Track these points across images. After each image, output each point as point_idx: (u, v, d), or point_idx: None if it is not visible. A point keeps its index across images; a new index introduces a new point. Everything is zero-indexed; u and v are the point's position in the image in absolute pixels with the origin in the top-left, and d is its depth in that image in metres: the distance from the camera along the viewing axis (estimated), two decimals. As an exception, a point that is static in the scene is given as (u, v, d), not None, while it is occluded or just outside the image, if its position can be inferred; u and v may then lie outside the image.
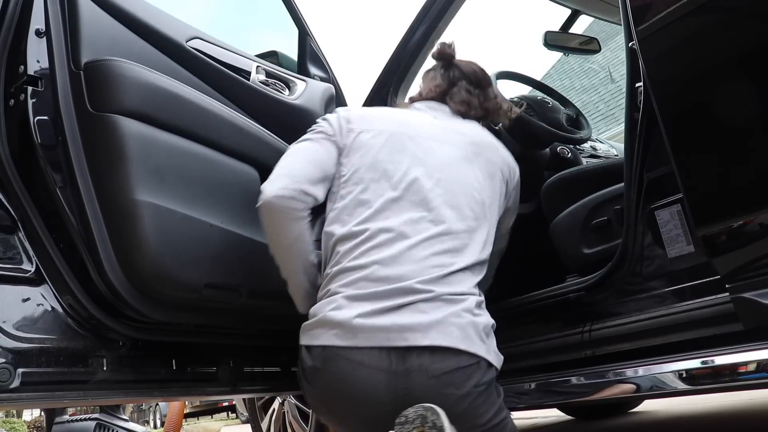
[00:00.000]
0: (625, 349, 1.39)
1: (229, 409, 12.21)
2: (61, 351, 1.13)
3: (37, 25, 1.22)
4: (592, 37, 2.60)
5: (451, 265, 1.17)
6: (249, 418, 2.64)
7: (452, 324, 1.11)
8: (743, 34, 1.09)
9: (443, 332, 1.10)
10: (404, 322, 1.09)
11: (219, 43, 1.54)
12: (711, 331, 1.22)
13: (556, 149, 2.36)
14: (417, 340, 1.08)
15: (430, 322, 1.09)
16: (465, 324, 1.12)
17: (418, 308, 1.11)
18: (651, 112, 1.27)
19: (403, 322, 1.09)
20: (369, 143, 1.29)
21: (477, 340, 1.13)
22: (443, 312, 1.11)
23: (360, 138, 1.31)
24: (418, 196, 1.24)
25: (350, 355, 1.09)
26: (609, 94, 11.96)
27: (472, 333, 1.12)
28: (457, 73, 1.51)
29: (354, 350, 1.09)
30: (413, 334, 1.09)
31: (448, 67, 1.53)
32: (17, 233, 1.16)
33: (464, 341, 1.10)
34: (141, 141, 1.17)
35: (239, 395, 2.40)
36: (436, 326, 1.10)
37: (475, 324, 1.14)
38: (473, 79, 1.52)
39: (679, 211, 1.29)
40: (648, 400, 2.79)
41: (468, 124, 1.45)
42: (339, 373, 1.11)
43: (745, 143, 1.08)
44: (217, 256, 1.25)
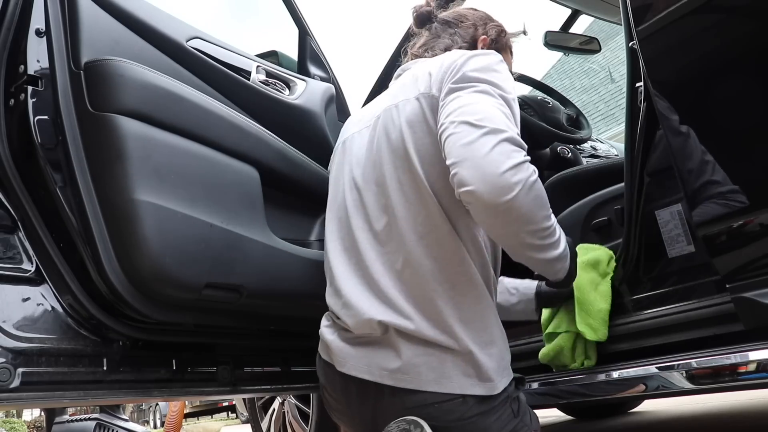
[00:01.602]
0: (626, 349, 1.39)
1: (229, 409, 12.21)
2: (61, 351, 1.13)
3: (37, 25, 1.22)
4: (592, 37, 2.60)
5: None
6: (249, 418, 2.64)
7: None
8: (743, 34, 1.09)
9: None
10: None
11: (219, 42, 1.54)
12: (711, 331, 1.22)
13: (556, 149, 2.36)
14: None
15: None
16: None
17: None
18: (651, 112, 1.27)
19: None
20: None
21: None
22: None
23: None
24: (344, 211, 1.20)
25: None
26: (609, 94, 11.96)
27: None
28: (439, 25, 1.37)
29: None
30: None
31: (427, 24, 1.39)
32: (17, 233, 1.15)
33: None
34: (141, 141, 1.17)
35: (239, 395, 2.40)
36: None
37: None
38: (456, 20, 1.36)
39: (679, 211, 1.29)
40: (648, 400, 2.80)
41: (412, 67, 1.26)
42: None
43: (745, 143, 1.08)
44: (217, 256, 1.25)
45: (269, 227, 1.39)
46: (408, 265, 1.06)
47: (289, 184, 1.51)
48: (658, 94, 1.18)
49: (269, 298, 1.37)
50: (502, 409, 1.05)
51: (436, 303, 1.04)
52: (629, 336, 1.38)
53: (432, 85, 1.10)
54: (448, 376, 1.01)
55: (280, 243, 1.40)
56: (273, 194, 1.46)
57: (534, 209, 0.96)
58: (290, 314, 1.48)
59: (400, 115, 1.12)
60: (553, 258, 1.05)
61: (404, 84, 1.19)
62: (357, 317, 1.08)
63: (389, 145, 1.12)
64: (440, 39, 1.34)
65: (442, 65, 1.11)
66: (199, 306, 1.27)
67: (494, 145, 0.94)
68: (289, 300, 1.43)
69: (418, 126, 1.09)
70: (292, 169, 1.51)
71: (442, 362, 1.02)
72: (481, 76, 1.05)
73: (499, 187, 0.91)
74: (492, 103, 1.01)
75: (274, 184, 1.46)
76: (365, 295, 1.08)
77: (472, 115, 0.98)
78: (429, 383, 1.01)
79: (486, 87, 1.04)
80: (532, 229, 0.98)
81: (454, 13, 1.39)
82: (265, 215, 1.38)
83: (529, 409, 1.14)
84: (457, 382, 1.01)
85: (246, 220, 1.32)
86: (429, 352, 1.02)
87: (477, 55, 1.11)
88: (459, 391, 1.01)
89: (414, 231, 1.06)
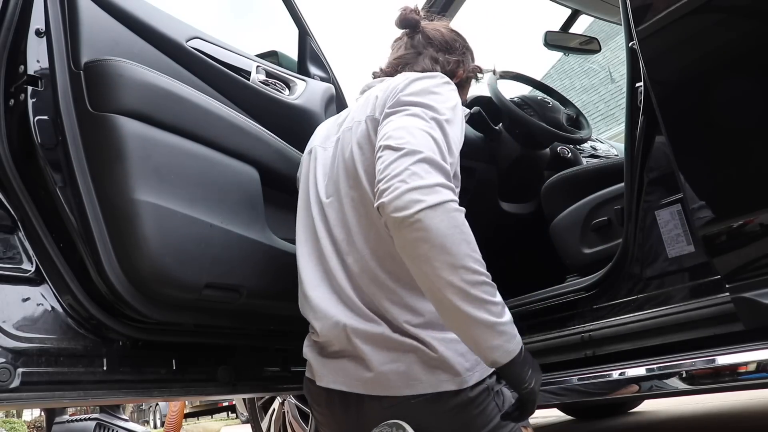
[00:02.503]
0: (625, 349, 1.39)
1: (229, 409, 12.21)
2: (61, 351, 1.13)
3: (37, 25, 1.22)
4: (592, 37, 2.60)
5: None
6: (249, 418, 2.64)
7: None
8: (743, 34, 1.09)
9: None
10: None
11: (219, 43, 1.54)
12: (711, 331, 1.22)
13: (556, 149, 2.36)
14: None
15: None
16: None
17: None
18: (651, 112, 1.27)
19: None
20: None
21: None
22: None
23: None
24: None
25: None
26: (609, 94, 11.96)
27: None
28: (422, 40, 1.35)
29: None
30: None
31: (413, 34, 1.37)
32: (17, 233, 1.15)
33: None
34: (141, 141, 1.17)
35: (239, 395, 2.40)
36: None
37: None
38: (441, 44, 1.35)
39: (679, 211, 1.29)
40: (648, 400, 2.80)
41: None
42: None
43: (745, 143, 1.08)
44: (217, 256, 1.25)
45: (269, 227, 1.39)
46: (365, 274, 1.09)
47: (289, 184, 1.52)
48: (658, 94, 1.18)
49: (269, 298, 1.37)
50: (484, 403, 1.06)
51: (395, 309, 1.06)
52: (629, 336, 1.38)
53: (376, 107, 1.15)
54: (417, 378, 1.03)
55: (280, 243, 1.40)
56: (273, 194, 1.46)
57: (449, 237, 0.91)
58: (290, 314, 1.47)
59: (353, 136, 1.17)
60: (485, 321, 0.92)
61: (361, 105, 1.23)
62: (323, 320, 1.11)
63: (344, 164, 1.17)
64: (421, 58, 1.33)
65: (387, 88, 1.16)
66: (199, 306, 1.27)
67: (408, 165, 0.95)
68: (289, 300, 1.42)
69: (365, 147, 1.14)
70: (292, 169, 1.51)
71: (409, 366, 1.03)
72: (414, 100, 1.08)
73: (403, 201, 0.91)
74: (418, 125, 1.02)
75: (274, 184, 1.46)
76: (332, 301, 1.11)
77: (395, 139, 1.00)
78: (400, 388, 1.03)
79: (417, 110, 1.06)
80: (450, 262, 0.91)
81: (440, 35, 1.36)
82: (265, 215, 1.38)
83: None
84: (427, 381, 1.03)
85: (246, 220, 1.32)
86: (395, 358, 1.04)
87: (418, 79, 1.13)
88: (430, 390, 1.03)
89: (367, 245, 1.10)
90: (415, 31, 1.36)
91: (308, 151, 1.33)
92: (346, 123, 1.24)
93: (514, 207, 2.25)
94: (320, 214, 1.19)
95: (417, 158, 0.96)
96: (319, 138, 1.33)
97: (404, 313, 1.06)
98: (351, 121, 1.21)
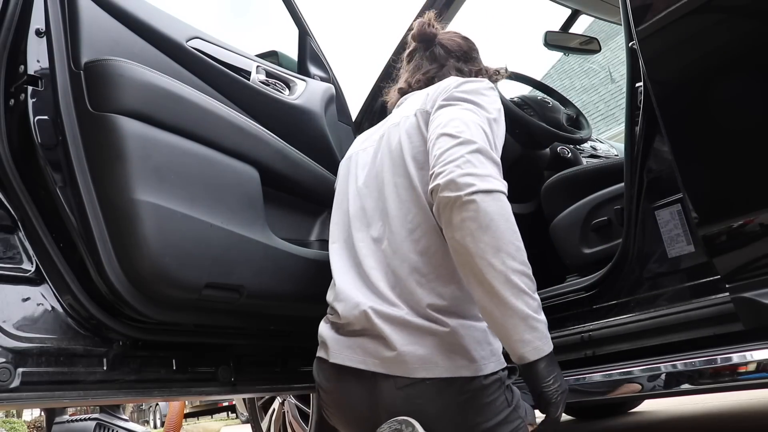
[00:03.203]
0: (625, 349, 1.39)
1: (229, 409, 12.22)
2: (61, 351, 1.13)
3: (37, 25, 1.22)
4: (592, 37, 2.60)
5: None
6: (249, 418, 2.64)
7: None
8: (743, 34, 1.09)
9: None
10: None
11: (219, 42, 1.54)
12: (711, 331, 1.22)
13: (556, 149, 2.36)
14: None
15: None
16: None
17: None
18: (651, 112, 1.27)
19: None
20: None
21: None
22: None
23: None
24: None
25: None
26: (609, 94, 11.96)
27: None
28: (442, 52, 1.40)
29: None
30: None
31: (430, 46, 1.42)
32: (17, 233, 1.15)
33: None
34: (141, 141, 1.17)
35: (239, 395, 2.40)
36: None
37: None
38: (460, 54, 1.41)
39: (679, 211, 1.29)
40: (648, 400, 2.80)
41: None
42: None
43: (745, 143, 1.08)
44: (217, 256, 1.25)
45: (269, 227, 1.39)
46: (397, 256, 1.13)
47: (289, 184, 1.52)
48: (658, 94, 1.18)
49: (269, 298, 1.38)
50: (495, 394, 1.07)
51: (420, 292, 1.08)
52: (629, 336, 1.38)
53: (427, 102, 1.21)
54: (434, 362, 1.04)
55: (280, 243, 1.40)
56: (273, 194, 1.46)
57: (498, 222, 0.96)
58: (290, 314, 1.48)
59: (400, 129, 1.23)
60: (520, 312, 0.94)
61: (408, 104, 1.30)
62: (346, 303, 1.14)
63: (390, 155, 1.22)
64: (445, 70, 1.38)
65: (438, 87, 1.23)
66: (199, 306, 1.27)
67: (465, 153, 1.01)
68: (288, 300, 1.43)
69: (414, 136, 1.19)
70: (292, 169, 1.51)
71: (428, 349, 1.05)
72: (467, 97, 1.15)
73: (457, 184, 0.97)
74: (471, 119, 1.09)
75: (274, 184, 1.47)
76: (356, 285, 1.16)
77: (452, 128, 1.07)
78: (417, 370, 1.05)
79: (470, 106, 1.13)
80: (495, 244, 0.94)
81: (456, 45, 1.42)
82: (265, 215, 1.38)
83: (525, 404, 1.15)
84: (444, 365, 1.04)
85: (246, 220, 1.32)
86: (415, 341, 1.05)
87: (469, 81, 1.20)
88: (446, 375, 1.04)
89: (404, 227, 1.13)
90: (432, 44, 1.41)
91: (347, 158, 1.39)
92: (392, 120, 1.29)
93: (514, 207, 2.22)
94: (357, 208, 1.24)
95: (473, 148, 1.02)
96: (357, 145, 1.40)
97: (429, 296, 1.08)
98: (399, 117, 1.26)
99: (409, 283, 1.09)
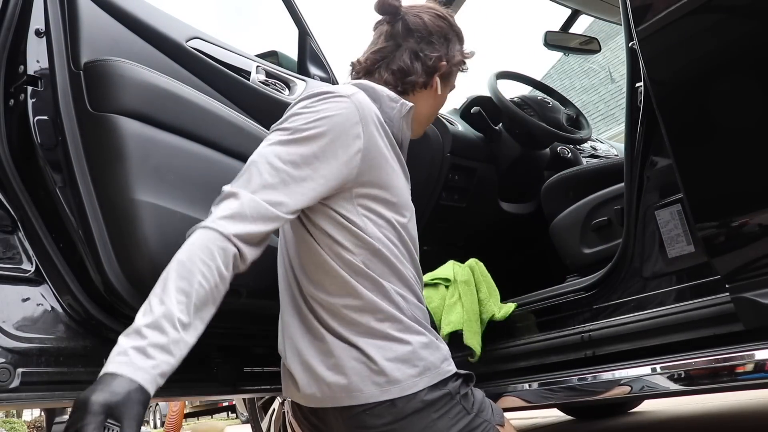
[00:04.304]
0: (625, 349, 1.39)
1: (229, 409, 12.21)
2: (61, 351, 1.13)
3: (37, 25, 1.22)
4: (592, 37, 2.60)
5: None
6: (249, 418, 2.64)
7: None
8: (743, 34, 1.09)
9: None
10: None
11: (219, 43, 1.54)
12: (711, 331, 1.22)
13: (556, 149, 2.36)
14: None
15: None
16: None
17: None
18: (651, 112, 1.27)
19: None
20: None
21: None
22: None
23: None
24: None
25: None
26: (609, 94, 11.97)
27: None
28: (402, 30, 1.21)
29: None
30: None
31: (393, 21, 1.22)
32: (17, 233, 1.15)
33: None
34: (141, 141, 1.17)
35: (239, 395, 2.40)
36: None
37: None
38: (423, 35, 1.20)
39: (679, 211, 1.29)
40: (648, 400, 2.80)
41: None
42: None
43: (745, 143, 1.08)
44: (217, 256, 1.24)
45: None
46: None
47: (289, 184, 1.51)
48: (658, 94, 1.18)
49: (269, 298, 1.37)
50: (447, 406, 1.03)
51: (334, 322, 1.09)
52: (629, 336, 1.38)
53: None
54: (359, 389, 1.01)
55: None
56: (273, 194, 1.45)
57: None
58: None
59: None
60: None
61: None
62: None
63: None
64: (399, 53, 1.20)
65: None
66: (198, 306, 1.27)
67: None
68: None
69: None
70: (291, 169, 1.50)
71: (351, 377, 1.02)
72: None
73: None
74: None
75: (274, 184, 1.46)
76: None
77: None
78: (344, 399, 1.02)
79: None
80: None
81: (422, 23, 1.22)
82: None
83: (491, 403, 1.12)
84: (369, 392, 1.01)
85: (246, 220, 1.32)
86: (337, 369, 1.04)
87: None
88: (373, 400, 1.01)
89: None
90: (395, 17, 1.22)
91: None
92: None
93: (514, 207, 2.25)
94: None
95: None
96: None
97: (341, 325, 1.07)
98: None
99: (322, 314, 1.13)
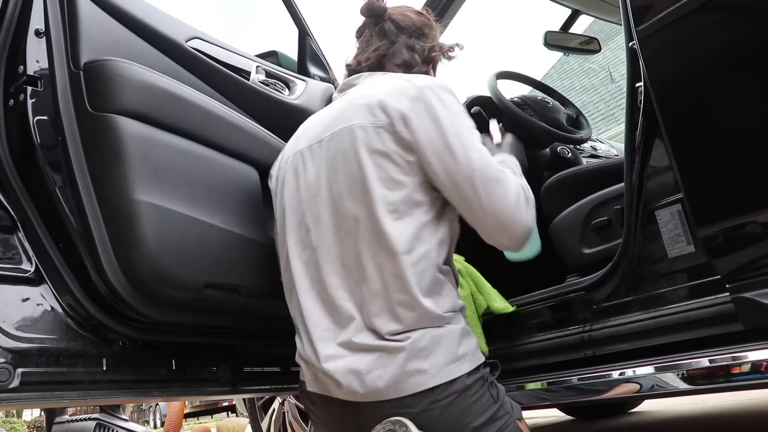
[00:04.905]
0: (625, 349, 1.39)
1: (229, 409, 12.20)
2: (60, 351, 1.13)
3: (37, 25, 1.22)
4: (592, 37, 2.60)
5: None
6: (249, 418, 2.64)
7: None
8: (743, 34, 1.09)
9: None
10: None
11: (219, 43, 1.54)
12: (711, 331, 1.22)
13: (556, 149, 2.36)
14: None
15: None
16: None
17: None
18: (651, 112, 1.27)
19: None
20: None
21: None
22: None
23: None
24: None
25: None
26: (609, 94, 11.97)
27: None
28: (393, 28, 1.31)
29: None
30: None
31: (380, 22, 1.33)
32: (17, 233, 1.15)
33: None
34: (141, 141, 1.17)
35: (239, 395, 2.40)
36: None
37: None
38: (413, 30, 1.32)
39: (679, 211, 1.29)
40: (648, 400, 2.80)
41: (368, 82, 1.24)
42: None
43: (745, 143, 1.08)
44: (217, 256, 1.25)
45: (269, 227, 1.39)
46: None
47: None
48: (658, 94, 1.18)
49: (269, 298, 1.37)
50: (480, 392, 1.06)
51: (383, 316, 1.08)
52: (629, 336, 1.38)
53: (382, 114, 1.12)
54: (404, 380, 1.04)
55: (279, 243, 1.40)
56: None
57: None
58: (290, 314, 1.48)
59: (357, 143, 1.12)
60: None
61: (356, 109, 1.16)
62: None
63: (346, 171, 1.15)
64: (396, 48, 1.30)
65: (390, 94, 1.13)
66: (198, 306, 1.27)
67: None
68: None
69: (379, 158, 1.11)
70: (291, 169, 1.50)
71: (396, 369, 1.04)
72: (450, 117, 1.14)
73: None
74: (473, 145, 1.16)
75: (274, 184, 1.46)
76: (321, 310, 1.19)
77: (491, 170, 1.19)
78: (390, 392, 1.04)
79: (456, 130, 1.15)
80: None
81: (409, 20, 1.33)
82: (265, 215, 1.38)
83: (511, 400, 1.14)
84: (415, 381, 1.03)
85: (246, 220, 1.32)
86: (382, 363, 1.04)
87: (428, 88, 1.13)
88: (420, 389, 1.03)
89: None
90: (382, 18, 1.33)
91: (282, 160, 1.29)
92: (341, 113, 1.18)
93: (513, 207, 2.24)
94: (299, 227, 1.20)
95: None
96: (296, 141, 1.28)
97: (390, 321, 1.06)
98: (349, 120, 1.15)
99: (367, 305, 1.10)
